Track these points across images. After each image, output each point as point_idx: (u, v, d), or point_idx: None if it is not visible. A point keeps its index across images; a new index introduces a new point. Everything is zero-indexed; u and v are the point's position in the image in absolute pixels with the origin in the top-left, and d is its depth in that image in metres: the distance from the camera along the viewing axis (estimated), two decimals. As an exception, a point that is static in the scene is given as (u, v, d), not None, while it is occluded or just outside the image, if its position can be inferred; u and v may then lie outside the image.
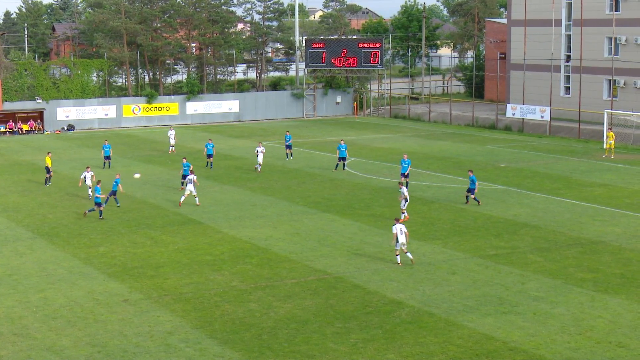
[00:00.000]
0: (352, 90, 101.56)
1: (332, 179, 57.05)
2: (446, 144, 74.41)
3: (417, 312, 30.48)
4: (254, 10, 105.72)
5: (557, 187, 53.78)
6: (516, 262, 36.76)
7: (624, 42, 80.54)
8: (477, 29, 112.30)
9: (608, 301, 31.59)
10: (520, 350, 26.83)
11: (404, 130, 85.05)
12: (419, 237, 41.14)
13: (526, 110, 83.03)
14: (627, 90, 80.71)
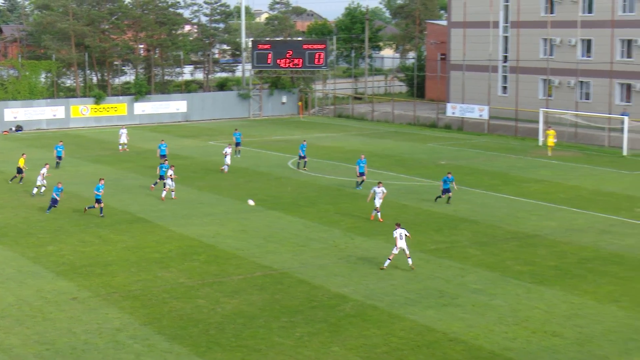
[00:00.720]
0: (297, 91, 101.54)
1: (279, 178, 57.03)
2: (389, 142, 74.73)
3: (361, 305, 30.60)
4: (201, 13, 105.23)
5: (495, 183, 54.30)
6: (456, 256, 37.08)
7: (559, 44, 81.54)
8: (418, 30, 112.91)
9: (544, 292, 31.99)
10: (460, 340, 27.07)
11: (348, 129, 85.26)
12: (362, 233, 41.29)
13: (465, 109, 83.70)
14: (561, 89, 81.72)
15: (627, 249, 38.26)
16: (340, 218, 44.70)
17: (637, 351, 26.14)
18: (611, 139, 71.24)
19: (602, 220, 43.84)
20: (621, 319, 29.00)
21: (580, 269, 35.18)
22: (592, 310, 29.90)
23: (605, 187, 52.96)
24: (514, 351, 26.18)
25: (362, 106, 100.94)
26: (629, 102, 77.05)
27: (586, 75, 79.17)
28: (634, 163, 62.77)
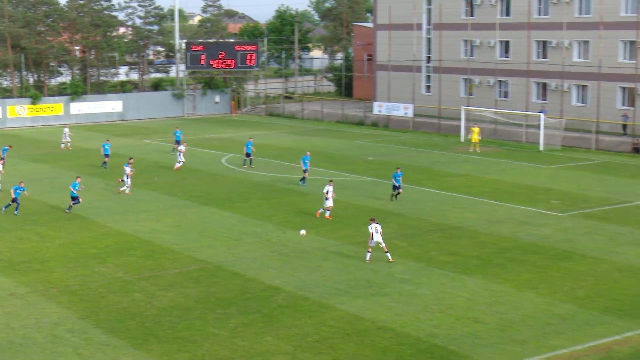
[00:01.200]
0: (230, 90, 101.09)
1: (213, 174, 56.71)
2: (319, 140, 74.81)
3: (293, 296, 30.59)
4: (136, 15, 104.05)
5: (420, 177, 54.70)
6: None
7: (479, 45, 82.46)
8: (345, 32, 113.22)
9: (466, 281, 32.33)
10: (388, 328, 27.22)
11: (279, 127, 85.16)
12: (294, 227, 41.26)
13: (391, 108, 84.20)
14: (481, 88, 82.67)
15: (544, 239, 38.86)
16: (272, 213, 44.62)
17: (554, 335, 26.57)
18: (528, 135, 72.27)
19: (520, 212, 44.47)
20: (539, 305, 29.45)
21: (501, 258, 35.64)
22: (511, 297, 30.30)
23: (523, 180, 53.72)
24: (439, 337, 26.41)
25: (293, 105, 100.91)
26: (544, 100, 78.25)
27: (505, 74, 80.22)
28: (549, 158, 63.81)
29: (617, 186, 51.70)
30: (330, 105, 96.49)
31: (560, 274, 33.29)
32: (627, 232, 39.94)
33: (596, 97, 70.94)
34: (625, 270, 33.70)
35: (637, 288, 31.43)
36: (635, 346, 25.62)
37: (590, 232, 40.00)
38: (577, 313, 28.63)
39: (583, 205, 46.24)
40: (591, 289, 31.37)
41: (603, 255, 35.92)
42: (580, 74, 74.50)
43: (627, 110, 71.13)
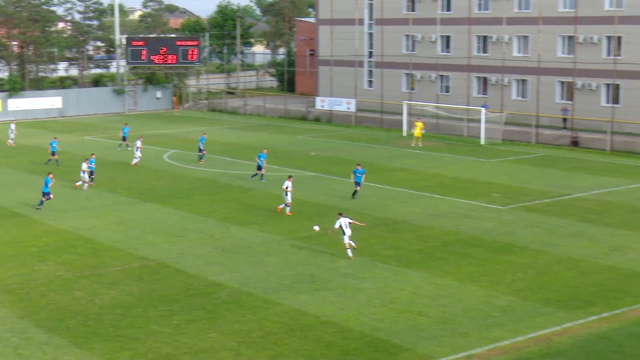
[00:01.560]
0: (171, 86, 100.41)
1: (155, 171, 56.28)
2: (261, 135, 74.67)
3: (237, 292, 30.52)
4: (75, 10, 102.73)
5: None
6: (327, 243, 37.32)
7: (420, 40, 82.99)
8: (287, 27, 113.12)
9: (409, 275, 32.55)
10: (332, 323, 27.30)
11: (221, 123, 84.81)
12: (237, 222, 41.17)
13: (334, 103, 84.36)
14: (423, 83, 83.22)
15: (485, 232, 39.28)
16: (215, 209, 44.45)
17: (495, 327, 26.88)
18: (470, 129, 72.95)
19: (462, 206, 44.88)
20: (481, 298, 29.77)
21: (443, 251, 35.94)
22: (454, 290, 30.59)
23: (464, 174, 54.22)
24: (383, 331, 26.56)
25: (235, 100, 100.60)
26: (485, 94, 79.02)
27: (446, 69, 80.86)
28: (490, 151, 64.49)
29: (557, 179, 52.47)
30: (273, 101, 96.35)
31: (502, 266, 33.69)
32: (566, 225, 40.55)
33: (536, 92, 71.89)
34: (564, 262, 34.23)
35: (576, 279, 31.95)
36: (574, 336, 26.05)
37: (530, 225, 40.54)
38: (518, 305, 29.01)
39: (523, 198, 46.84)
40: (532, 280, 31.80)
41: (543, 248, 36.43)
42: (520, 68, 75.42)
43: (565, 104, 72.18)
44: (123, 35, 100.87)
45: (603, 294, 30.22)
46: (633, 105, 68.47)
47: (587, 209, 43.85)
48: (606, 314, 28.00)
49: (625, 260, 34.49)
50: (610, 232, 39.15)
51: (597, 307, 28.75)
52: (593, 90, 70.82)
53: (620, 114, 68.05)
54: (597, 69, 70.15)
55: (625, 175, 53.67)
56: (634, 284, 31.28)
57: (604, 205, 44.93)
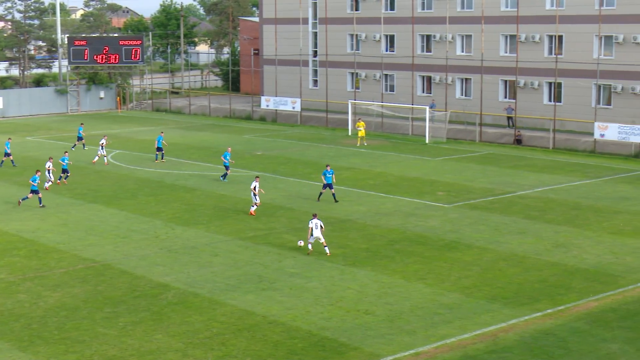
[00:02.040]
0: (115, 86, 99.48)
1: (99, 171, 55.69)
2: (206, 135, 74.34)
3: (183, 293, 30.34)
4: (15, 9, 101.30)
5: (308, 171, 54.93)
6: (273, 242, 37.30)
7: (364, 39, 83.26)
8: (231, 26, 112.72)
9: (356, 273, 32.64)
10: (279, 323, 27.26)
11: (166, 123, 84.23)
12: (183, 223, 40.93)
13: (279, 102, 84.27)
14: (368, 82, 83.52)
15: (430, 230, 39.54)
16: (160, 209, 44.13)
17: (442, 324, 27.08)
18: (414, 128, 73.38)
19: (407, 204, 45.12)
20: (427, 295, 29.96)
21: (389, 250, 36.10)
22: (400, 289, 30.74)
23: (410, 172, 54.53)
24: (330, 330, 26.59)
25: (180, 100, 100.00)
26: (429, 93, 79.59)
27: (390, 68, 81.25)
28: (435, 150, 64.93)
29: (501, 177, 53.01)
30: (218, 100, 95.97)
31: (447, 264, 33.94)
32: (510, 222, 40.99)
33: (479, 90, 72.54)
34: (509, 259, 34.60)
35: (521, 276, 32.31)
36: (519, 333, 26.35)
37: (475, 223, 40.90)
38: (464, 302, 29.25)
39: (468, 196, 47.25)
40: (477, 278, 32.09)
41: (488, 245, 36.78)
42: (464, 67, 76.08)
43: (510, 103, 72.96)
44: (65, 35, 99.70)
45: (547, 290, 30.61)
46: (574, 103, 69.50)
47: (530, 207, 44.38)
48: (550, 310, 28.37)
49: (569, 256, 34.98)
50: (553, 229, 39.67)
51: (542, 303, 29.11)
52: (535, 88, 71.71)
53: (562, 112, 69.01)
54: (539, 68, 71.06)
55: (567, 173, 54.44)
56: (577, 280, 31.74)
57: (547, 202, 45.51)
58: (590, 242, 37.15)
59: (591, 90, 68.53)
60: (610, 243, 37.05)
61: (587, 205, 44.77)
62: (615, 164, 58.07)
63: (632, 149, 61.60)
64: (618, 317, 27.66)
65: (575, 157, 61.19)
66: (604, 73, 65.83)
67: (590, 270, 33.05)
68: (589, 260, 34.36)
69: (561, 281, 31.65)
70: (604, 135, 62.36)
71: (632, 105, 66.14)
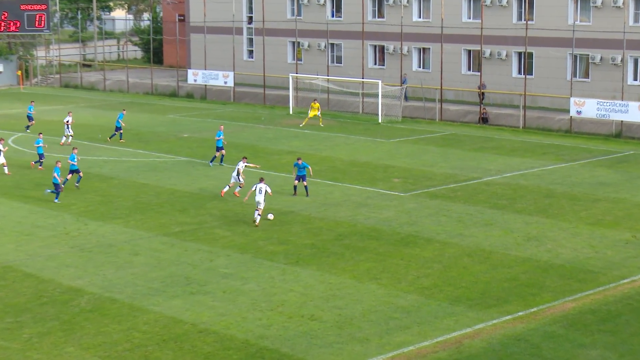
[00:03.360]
0: (16, 58, 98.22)
1: (-3, 158, 55.01)
2: (124, 114, 73.63)
3: (99, 299, 30.13)
4: None
5: (243, 156, 54.73)
6: (204, 238, 37.20)
7: (307, 3, 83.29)
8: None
9: (299, 273, 32.69)
10: (211, 331, 27.21)
11: (76, 101, 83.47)
12: (97, 217, 40.64)
13: (209, 76, 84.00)
14: (311, 52, 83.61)
15: (384, 222, 39.73)
16: (71, 201, 43.75)
17: (399, 330, 27.22)
18: (366, 105, 73.66)
19: (358, 193, 45.28)
20: (381, 297, 30.10)
21: (337, 246, 36.20)
22: (351, 290, 30.84)
23: (360, 157, 54.73)
24: (270, 339, 26.60)
25: (92, 74, 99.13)
26: (382, 65, 79.90)
27: (337, 36, 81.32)
28: (389, 131, 65.23)
29: (464, 161, 53.45)
30: (137, 74, 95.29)
31: (404, 261, 34.14)
32: (475, 212, 41.36)
33: (439, 62, 72.94)
34: (474, 255, 34.90)
35: (488, 274, 32.62)
36: (487, 339, 26.59)
37: (435, 214, 41.19)
38: (424, 304, 29.44)
39: (427, 183, 47.55)
40: (438, 277, 32.32)
41: (450, 239, 37.06)
42: (421, 35, 76.48)
43: (472, 76, 73.49)
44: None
45: (518, 289, 30.93)
46: (547, 76, 70.29)
47: (498, 194, 44.81)
48: (521, 313, 28.67)
49: (542, 251, 35.39)
50: (524, 219, 40.10)
51: (512, 305, 29.40)
52: (503, 59, 72.41)
53: (533, 86, 69.73)
54: (507, 36, 71.73)
55: (539, 156, 55.07)
56: (551, 278, 32.12)
57: (516, 189, 45.99)
58: (566, 235, 37.63)
59: (566, 61, 69.38)
60: (588, 235, 37.57)
61: (562, 192, 45.34)
62: (594, 145, 58.92)
63: (613, 127, 62.59)
64: (598, 320, 28.06)
65: (548, 138, 61.92)
66: (580, 41, 66.62)
67: (566, 266, 33.48)
68: (565, 255, 34.80)
69: (533, 279, 32.01)
70: (580, 112, 63.20)
71: (612, 77, 67.09)
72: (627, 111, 60.88)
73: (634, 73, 67.25)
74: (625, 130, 62.05)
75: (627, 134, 61.93)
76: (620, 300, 29.85)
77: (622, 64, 65.83)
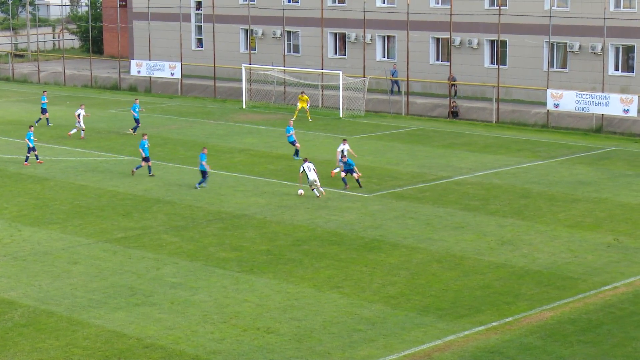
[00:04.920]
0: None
1: None
2: (60, 110, 73.35)
3: (34, 312, 29.97)
4: None
5: (192, 154, 54.69)
6: (149, 245, 37.11)
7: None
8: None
9: (254, 282, 32.70)
10: (158, 346, 27.17)
11: (7, 95, 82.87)
12: (32, 222, 40.42)
13: (154, 67, 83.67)
14: (266, 41, 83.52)
15: (346, 225, 39.81)
16: (2, 205, 43.47)
17: (363, 343, 27.32)
18: (325, 98, 73.71)
19: (315, 195, 45.30)
20: (343, 308, 30.17)
21: (295, 252, 36.25)
22: (310, 300, 30.90)
23: (320, 154, 54.72)
24: (222, 354, 26.60)
25: (25, 65, 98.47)
26: (343, 55, 80.00)
27: (294, 23, 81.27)
28: (351, 126, 65.32)
29: (432, 158, 53.67)
30: (75, 65, 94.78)
31: (368, 268, 34.24)
32: (445, 214, 41.55)
33: (405, 51, 73.10)
34: (444, 261, 35.07)
35: (459, 281, 32.79)
36: (458, 351, 26.75)
37: (402, 216, 41.33)
38: (390, 315, 29.55)
39: (392, 183, 47.71)
40: (405, 285, 32.44)
41: (418, 244, 37.22)
42: (386, 22, 76.65)
43: (441, 66, 73.79)
44: None
45: (491, 298, 31.13)
46: (522, 66, 70.71)
47: (470, 195, 45.05)
48: (495, 323, 28.86)
49: (517, 256, 35.63)
50: (498, 222, 40.35)
51: (485, 314, 29.59)
52: (474, 48, 72.76)
53: (507, 77, 70.11)
54: (479, 22, 72.03)
55: (513, 153, 55.42)
56: (527, 285, 32.35)
57: (489, 189, 46.26)
58: (543, 238, 37.91)
59: (542, 50, 69.83)
60: (567, 238, 37.88)
61: (538, 192, 45.66)
62: (573, 141, 59.36)
63: (593, 122, 63.06)
64: (578, 330, 28.31)
65: (523, 133, 62.31)
66: (557, 28, 67.07)
67: (543, 272, 33.74)
68: (542, 260, 35.06)
69: (508, 287, 32.23)
70: (558, 105, 63.65)
71: (592, 67, 67.62)
72: (608, 104, 61.36)
73: (615, 63, 67.79)
74: (606, 125, 62.53)
75: (608, 128, 62.41)
76: (602, 309, 30.13)
77: (603, 53, 66.24)
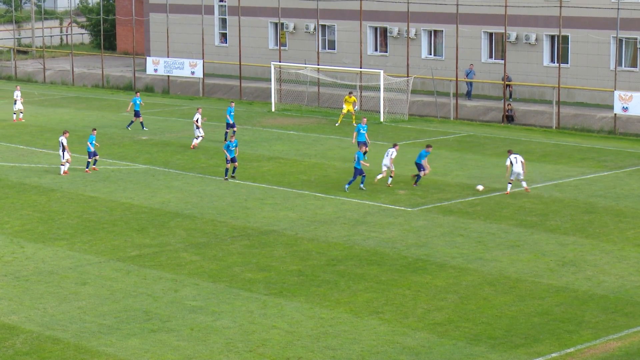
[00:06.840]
0: None
1: None
2: (68, 112, 73.77)
3: (37, 338, 30.12)
4: None
5: (215, 163, 54.84)
6: (166, 264, 37.20)
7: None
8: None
9: (284, 306, 32.71)
10: (175, 378, 27.27)
11: (8, 95, 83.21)
12: (36, 238, 40.61)
13: (172, 65, 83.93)
14: (298, 36, 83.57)
15: (387, 243, 39.76)
16: (3, 219, 43.72)
17: (406, 376, 27.30)
18: (364, 100, 73.65)
19: (355, 208, 45.27)
20: (383, 336, 30.13)
21: (330, 273, 36.23)
22: (346, 327, 30.88)
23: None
24: (248, 387, 26.65)
25: (29, 63, 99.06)
26: (385, 52, 79.99)
27: (329, 16, 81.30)
28: (393, 131, 65.18)
29: (484, 168, 53.51)
30: (85, 63, 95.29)
31: (412, 291, 34.19)
32: (498, 232, 41.43)
33: (454, 47, 72.98)
34: (497, 283, 34.96)
35: (514, 307, 32.67)
36: (513, 386, 26.68)
37: (449, 233, 41.25)
38: (436, 344, 29.49)
39: (439, 196, 47.61)
40: (453, 310, 32.37)
41: (468, 264, 37.12)
42: (432, 15, 76.51)
43: (495, 64, 73.61)
44: None
45: (550, 326, 31.00)
46: (585, 64, 70.45)
47: (526, 210, 44.89)
48: (555, 354, 28.75)
49: (580, 278, 35.46)
50: (558, 240, 40.18)
51: (543, 344, 29.47)
52: (532, 44, 72.56)
53: (569, 77, 69.84)
54: (537, 15, 71.85)
55: (576, 162, 55.19)
56: (591, 312, 32.19)
57: (549, 203, 46.09)
58: (610, 259, 37.73)
59: (609, 47, 69.56)
60: (636, 259, 37.68)
61: (604, 206, 45.46)
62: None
63: (666, 128, 62.76)
64: (648, 362, 28.19)
65: (587, 140, 62.06)
66: (626, 22, 66.80)
67: (609, 297, 33.58)
68: (608, 284, 34.89)
69: (570, 313, 32.09)
70: (627, 109, 63.40)
71: (665, 67, 67.37)
72: (683, 108, 61.18)
73: (692, 61, 67.56)
74: (681, 131, 62.32)
75: (683, 135, 62.20)
76: (676, 339, 29.99)
77: (678, 50, 66.08)
